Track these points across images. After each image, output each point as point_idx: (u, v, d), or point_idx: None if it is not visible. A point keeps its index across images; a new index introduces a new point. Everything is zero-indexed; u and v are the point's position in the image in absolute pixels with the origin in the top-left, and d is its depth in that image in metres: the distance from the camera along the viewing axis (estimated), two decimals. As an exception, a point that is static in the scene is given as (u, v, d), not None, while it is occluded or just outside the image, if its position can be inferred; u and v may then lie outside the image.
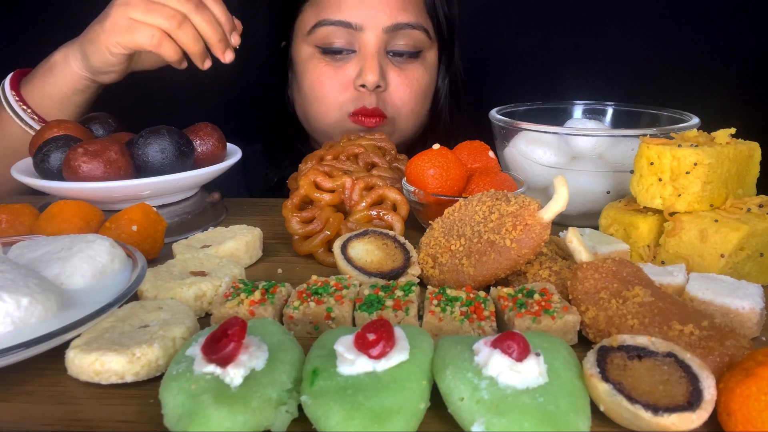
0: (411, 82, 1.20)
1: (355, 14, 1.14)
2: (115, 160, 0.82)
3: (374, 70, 1.13)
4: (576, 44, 1.55)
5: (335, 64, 1.18)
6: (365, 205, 0.82)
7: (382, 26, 1.14)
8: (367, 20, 1.14)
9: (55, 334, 0.52)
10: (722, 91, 1.45)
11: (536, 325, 0.57)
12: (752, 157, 0.77)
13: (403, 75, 1.19)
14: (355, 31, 1.15)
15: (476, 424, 0.44)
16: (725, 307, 0.61)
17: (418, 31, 1.17)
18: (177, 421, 0.44)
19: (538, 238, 0.65)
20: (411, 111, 1.23)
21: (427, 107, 1.28)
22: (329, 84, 1.18)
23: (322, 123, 1.23)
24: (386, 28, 1.14)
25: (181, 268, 0.71)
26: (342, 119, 1.20)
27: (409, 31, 1.16)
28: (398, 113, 1.21)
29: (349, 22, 1.14)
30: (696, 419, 0.44)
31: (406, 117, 1.23)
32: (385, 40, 1.16)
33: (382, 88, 1.17)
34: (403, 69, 1.19)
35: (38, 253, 0.65)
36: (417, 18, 1.17)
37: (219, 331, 0.47)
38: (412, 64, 1.20)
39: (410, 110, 1.22)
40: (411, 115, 1.23)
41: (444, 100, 1.30)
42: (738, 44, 1.52)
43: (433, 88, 1.28)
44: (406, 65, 1.20)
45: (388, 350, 0.47)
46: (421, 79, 1.22)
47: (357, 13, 1.14)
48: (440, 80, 1.29)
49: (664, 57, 1.53)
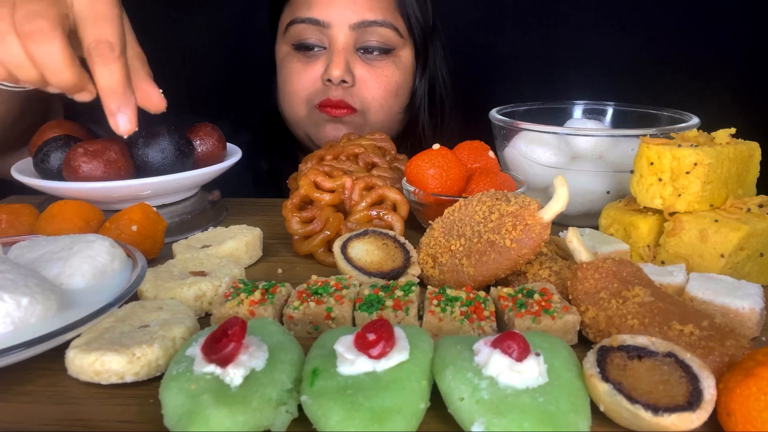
0: (380, 78, 1.22)
1: (323, 12, 1.18)
2: (115, 160, 0.82)
3: (340, 66, 1.17)
4: (576, 44, 1.55)
5: (306, 61, 1.22)
6: (365, 205, 0.82)
7: (348, 23, 1.18)
8: (334, 18, 1.18)
9: (55, 334, 0.52)
10: (722, 91, 1.45)
11: (536, 325, 0.57)
12: (752, 157, 0.77)
13: (372, 71, 1.21)
14: (324, 29, 1.19)
15: (476, 424, 0.44)
16: (725, 307, 0.61)
17: (387, 29, 1.20)
18: (177, 421, 0.44)
19: (538, 238, 0.65)
20: (381, 106, 1.24)
21: (399, 105, 1.29)
22: (298, 79, 1.23)
23: (295, 117, 1.28)
24: (353, 25, 1.18)
25: (181, 268, 0.71)
26: (311, 112, 1.24)
27: (378, 29, 1.19)
28: (367, 107, 1.23)
29: (317, 19, 1.18)
30: (696, 419, 0.44)
31: (375, 111, 1.24)
32: (354, 37, 1.19)
33: (349, 83, 1.20)
34: (373, 66, 1.22)
35: (38, 253, 0.65)
36: (385, 16, 1.20)
37: (219, 331, 0.47)
38: (382, 62, 1.23)
39: (380, 105, 1.24)
40: (381, 110, 1.25)
41: (422, 101, 1.31)
42: (738, 44, 1.52)
43: (408, 87, 1.29)
44: (376, 62, 1.22)
45: (388, 350, 0.47)
46: (391, 76, 1.23)
47: (326, 11, 1.18)
48: (417, 81, 1.31)
49: (664, 57, 1.53)
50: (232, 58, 1.67)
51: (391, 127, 1.31)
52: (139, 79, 0.73)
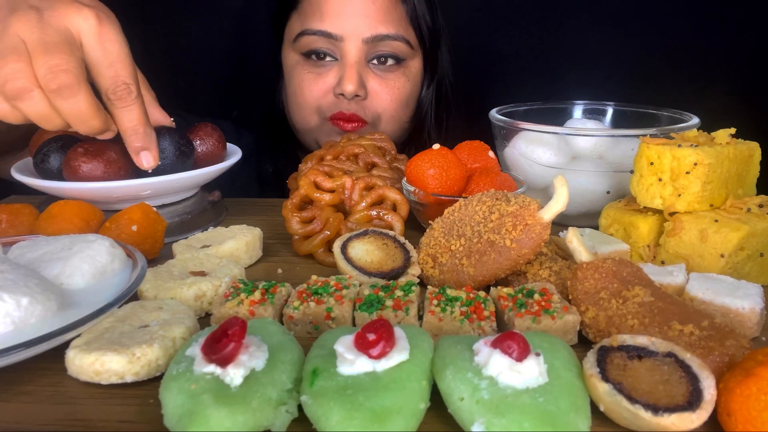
0: (392, 91, 1.22)
1: (336, 25, 1.15)
2: (115, 160, 0.82)
3: (353, 80, 1.16)
4: (576, 44, 1.54)
5: (317, 71, 1.21)
6: (365, 205, 0.82)
7: (362, 37, 1.16)
8: (347, 31, 1.15)
9: (55, 334, 0.52)
10: (722, 91, 1.45)
11: (536, 325, 0.57)
12: (752, 157, 0.77)
13: (384, 83, 1.21)
14: (336, 41, 1.17)
15: (476, 424, 0.44)
16: (725, 307, 0.61)
17: (400, 42, 1.19)
18: (177, 421, 0.44)
19: (538, 238, 0.65)
20: (391, 117, 1.24)
21: (408, 114, 1.29)
22: (309, 91, 1.21)
23: (305, 127, 1.27)
24: (366, 39, 1.16)
25: (181, 268, 0.71)
26: (322, 123, 1.23)
27: (390, 42, 1.18)
28: (378, 118, 1.23)
29: (330, 32, 1.16)
30: (696, 419, 0.44)
31: (386, 121, 1.25)
32: (366, 50, 1.18)
33: (361, 96, 1.19)
34: (384, 78, 1.21)
35: (38, 253, 0.65)
36: (398, 29, 1.19)
37: (219, 331, 0.47)
38: (393, 73, 1.22)
39: (390, 116, 1.24)
40: (391, 121, 1.25)
41: (429, 108, 1.31)
42: (738, 44, 1.52)
43: (416, 96, 1.29)
44: (388, 74, 1.21)
45: (388, 350, 0.47)
46: (402, 88, 1.23)
47: (338, 23, 1.15)
48: (424, 89, 1.30)
49: (664, 57, 1.53)
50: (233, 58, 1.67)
51: (400, 135, 1.31)
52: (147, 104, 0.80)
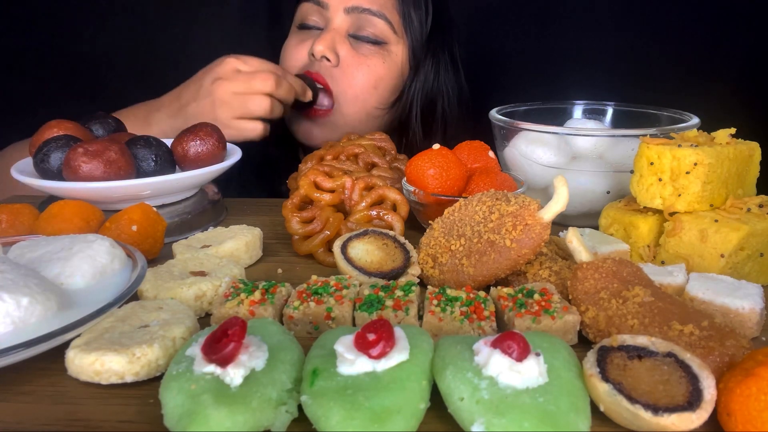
0: (362, 66, 1.23)
1: None
2: (115, 160, 0.82)
3: (325, 42, 1.20)
4: (576, 44, 1.54)
5: (302, 38, 1.27)
6: (365, 205, 0.82)
7: (344, 6, 1.21)
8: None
9: (55, 334, 0.52)
10: (722, 91, 1.45)
11: (536, 325, 0.57)
12: (752, 157, 0.77)
13: (356, 57, 1.23)
14: (323, 9, 1.23)
15: (476, 424, 0.44)
16: (725, 307, 0.61)
17: (381, 21, 1.22)
18: (177, 421, 0.44)
19: (538, 238, 0.65)
20: (356, 96, 1.24)
21: (377, 100, 1.27)
22: (290, 54, 1.28)
23: None
24: (348, 8, 1.21)
25: (181, 268, 0.71)
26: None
27: (371, 18, 1.22)
28: (344, 94, 1.23)
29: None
30: (696, 419, 0.44)
31: (351, 101, 1.24)
32: (349, 21, 1.22)
33: (332, 63, 1.21)
34: (358, 51, 1.23)
35: (38, 253, 0.65)
36: (381, 8, 1.22)
37: (219, 331, 0.47)
38: (370, 51, 1.24)
39: (355, 95, 1.24)
40: (356, 101, 1.24)
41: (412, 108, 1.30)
42: (738, 44, 1.52)
43: (392, 85, 1.27)
44: (364, 50, 1.24)
45: (388, 350, 0.47)
46: (374, 67, 1.24)
47: None
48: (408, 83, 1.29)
49: (664, 57, 1.53)
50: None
51: (368, 122, 1.28)
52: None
